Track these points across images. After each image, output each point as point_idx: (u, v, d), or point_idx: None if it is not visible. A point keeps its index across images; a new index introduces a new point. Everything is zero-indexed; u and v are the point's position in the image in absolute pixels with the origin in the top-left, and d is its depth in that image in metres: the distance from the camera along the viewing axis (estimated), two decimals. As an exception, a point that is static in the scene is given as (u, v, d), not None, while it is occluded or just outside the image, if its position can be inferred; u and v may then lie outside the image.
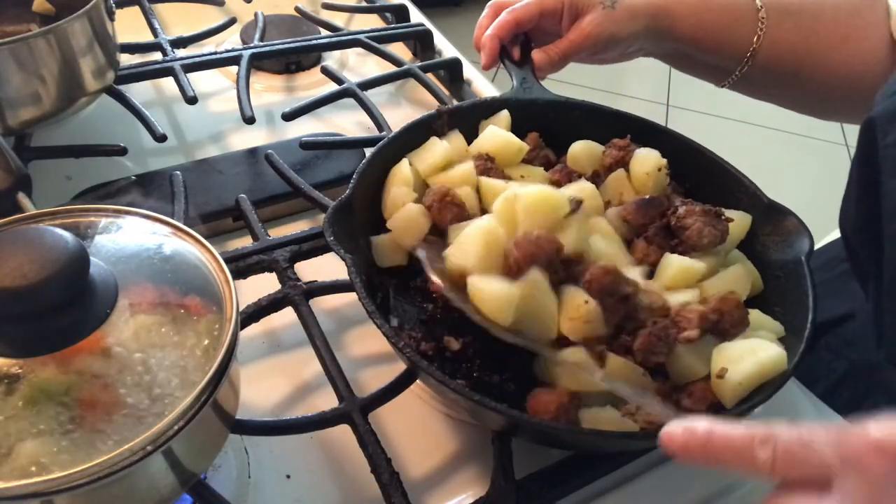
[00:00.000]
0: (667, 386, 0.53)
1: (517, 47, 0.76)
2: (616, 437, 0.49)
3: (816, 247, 0.90)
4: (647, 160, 0.64)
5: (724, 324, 0.52)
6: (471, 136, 0.69)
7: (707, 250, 0.59)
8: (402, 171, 0.64)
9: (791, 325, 0.56)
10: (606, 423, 0.50)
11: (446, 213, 0.59)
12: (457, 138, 0.68)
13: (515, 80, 0.73)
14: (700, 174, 0.66)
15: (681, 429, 0.35)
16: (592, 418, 0.50)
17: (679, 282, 0.57)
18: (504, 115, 0.70)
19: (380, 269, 0.61)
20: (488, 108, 0.70)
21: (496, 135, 0.66)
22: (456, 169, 0.64)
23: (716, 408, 0.51)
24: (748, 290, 0.58)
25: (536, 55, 0.73)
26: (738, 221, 0.61)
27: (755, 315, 0.55)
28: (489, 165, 0.64)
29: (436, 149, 0.65)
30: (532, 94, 0.72)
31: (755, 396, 0.50)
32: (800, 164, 2.60)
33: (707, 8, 0.72)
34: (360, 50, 0.96)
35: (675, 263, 0.57)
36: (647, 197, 0.62)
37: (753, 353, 0.51)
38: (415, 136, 0.66)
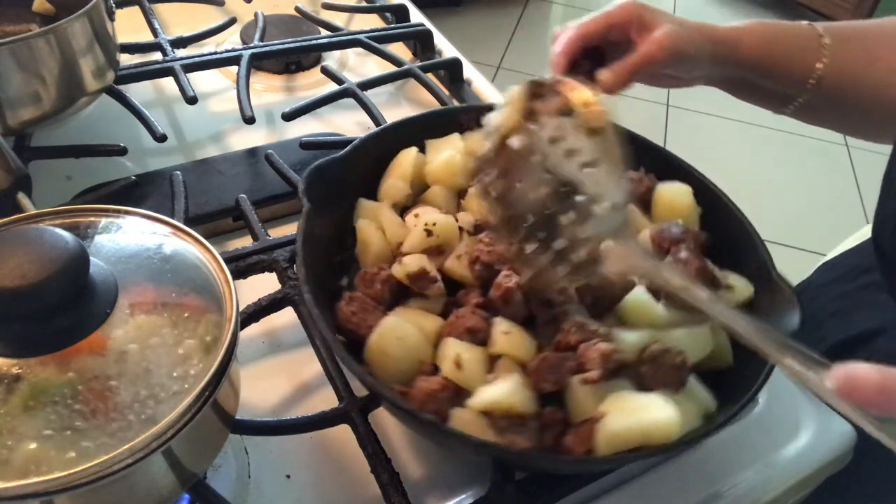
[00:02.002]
0: (557, 415, 0.50)
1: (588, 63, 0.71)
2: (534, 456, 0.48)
3: (830, 255, 0.89)
4: (678, 196, 0.63)
5: (650, 379, 0.50)
6: None
7: (681, 306, 0.55)
8: (407, 159, 0.64)
9: (730, 401, 0.51)
10: (469, 426, 0.48)
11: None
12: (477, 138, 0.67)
13: None
14: (714, 219, 0.63)
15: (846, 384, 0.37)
16: (460, 418, 0.48)
17: (633, 317, 0.55)
18: None
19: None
20: None
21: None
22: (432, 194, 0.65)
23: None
24: (703, 356, 0.54)
25: (602, 74, 0.69)
26: (738, 291, 0.57)
27: (691, 382, 0.52)
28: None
29: (452, 160, 0.64)
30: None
31: (637, 451, 0.46)
32: (800, 164, 2.60)
33: (773, 35, 0.70)
34: (360, 50, 0.96)
35: (634, 297, 0.55)
36: (676, 223, 0.60)
37: (643, 410, 0.47)
38: (438, 122, 0.67)
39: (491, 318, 0.54)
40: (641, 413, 0.47)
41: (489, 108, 0.67)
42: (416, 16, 1.06)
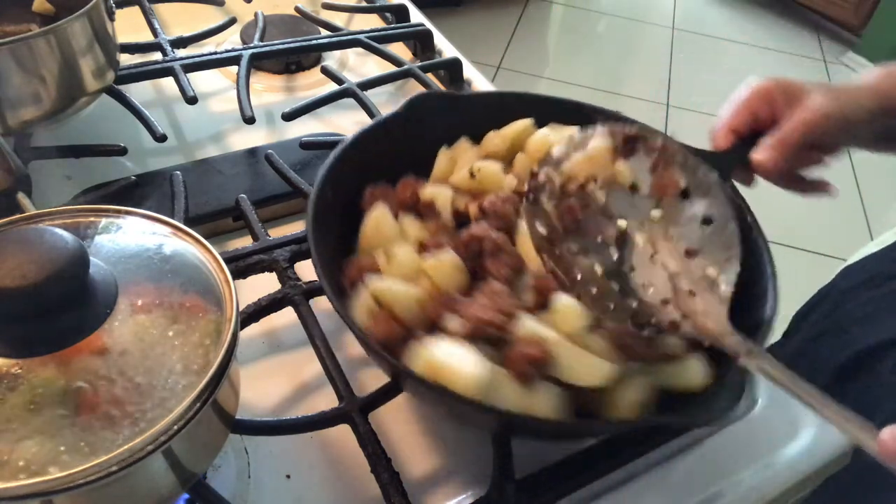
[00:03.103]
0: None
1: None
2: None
3: (852, 260, 0.89)
4: None
5: (505, 355, 0.49)
6: None
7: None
8: (518, 125, 0.66)
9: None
10: (425, 364, 0.49)
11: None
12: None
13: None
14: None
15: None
16: (418, 353, 0.50)
17: (559, 318, 0.52)
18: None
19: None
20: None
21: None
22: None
23: None
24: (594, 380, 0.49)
25: (756, 154, 0.59)
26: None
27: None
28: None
29: (546, 139, 0.64)
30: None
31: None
32: (800, 164, 2.59)
33: None
34: (360, 50, 0.96)
35: (565, 301, 0.52)
36: None
37: (446, 354, 0.48)
38: (573, 112, 0.67)
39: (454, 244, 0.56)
40: (443, 353, 0.48)
41: (626, 119, 0.65)
42: (416, 16, 1.06)
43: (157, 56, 0.86)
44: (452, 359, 0.48)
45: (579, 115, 0.67)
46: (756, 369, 0.45)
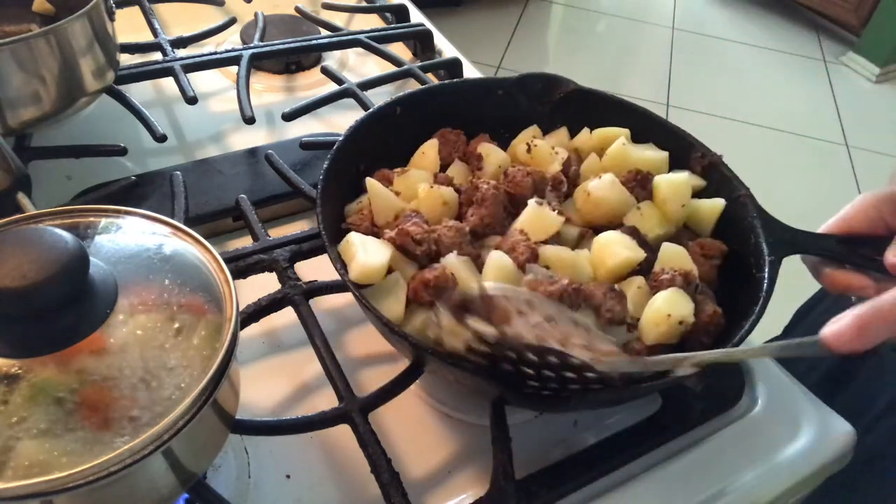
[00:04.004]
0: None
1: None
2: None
3: None
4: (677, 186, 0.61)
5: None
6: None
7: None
8: (562, 135, 0.70)
9: None
10: (343, 243, 0.54)
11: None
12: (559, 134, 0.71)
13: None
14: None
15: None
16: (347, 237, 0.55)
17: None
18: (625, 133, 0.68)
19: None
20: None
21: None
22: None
23: None
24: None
25: (891, 255, 0.53)
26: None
27: None
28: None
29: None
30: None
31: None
32: (800, 164, 2.60)
33: None
34: (360, 50, 0.96)
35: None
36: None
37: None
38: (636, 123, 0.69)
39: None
40: (358, 240, 0.55)
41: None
42: (416, 16, 1.06)
43: (157, 56, 0.86)
44: (360, 245, 0.53)
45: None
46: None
